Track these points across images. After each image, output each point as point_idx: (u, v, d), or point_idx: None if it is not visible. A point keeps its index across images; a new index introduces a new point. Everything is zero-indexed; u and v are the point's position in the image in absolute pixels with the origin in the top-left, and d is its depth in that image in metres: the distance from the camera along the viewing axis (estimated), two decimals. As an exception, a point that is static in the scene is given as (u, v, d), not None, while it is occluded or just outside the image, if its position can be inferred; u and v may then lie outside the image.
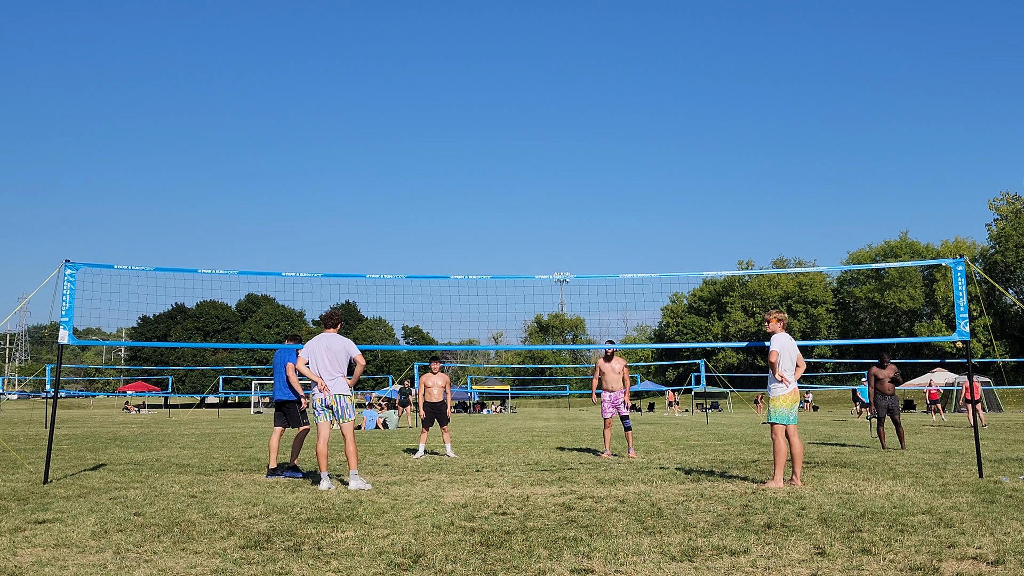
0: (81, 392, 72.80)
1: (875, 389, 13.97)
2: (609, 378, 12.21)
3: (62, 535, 5.52)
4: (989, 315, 64.45)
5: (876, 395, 13.96)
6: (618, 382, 12.23)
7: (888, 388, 13.91)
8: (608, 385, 12.23)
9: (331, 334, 8.45)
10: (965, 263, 9.32)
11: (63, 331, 8.90)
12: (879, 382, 13.94)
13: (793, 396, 8.28)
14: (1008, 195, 68.95)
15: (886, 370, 13.96)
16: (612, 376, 12.20)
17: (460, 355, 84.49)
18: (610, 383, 12.22)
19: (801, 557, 4.74)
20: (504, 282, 10.78)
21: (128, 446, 15.27)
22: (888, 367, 14.00)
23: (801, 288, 75.14)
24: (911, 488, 7.73)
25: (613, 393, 12.22)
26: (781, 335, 8.37)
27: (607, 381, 12.23)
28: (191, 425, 27.65)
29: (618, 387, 12.24)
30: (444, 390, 12.89)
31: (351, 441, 8.25)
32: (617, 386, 12.23)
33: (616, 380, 12.22)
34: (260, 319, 79.04)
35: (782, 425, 8.24)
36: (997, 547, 4.92)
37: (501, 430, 22.13)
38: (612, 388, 12.22)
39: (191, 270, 10.07)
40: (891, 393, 13.93)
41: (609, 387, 12.22)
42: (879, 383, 13.93)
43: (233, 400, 78.72)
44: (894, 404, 13.88)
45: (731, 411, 49.71)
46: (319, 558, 4.78)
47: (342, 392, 8.28)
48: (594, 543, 5.16)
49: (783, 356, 8.26)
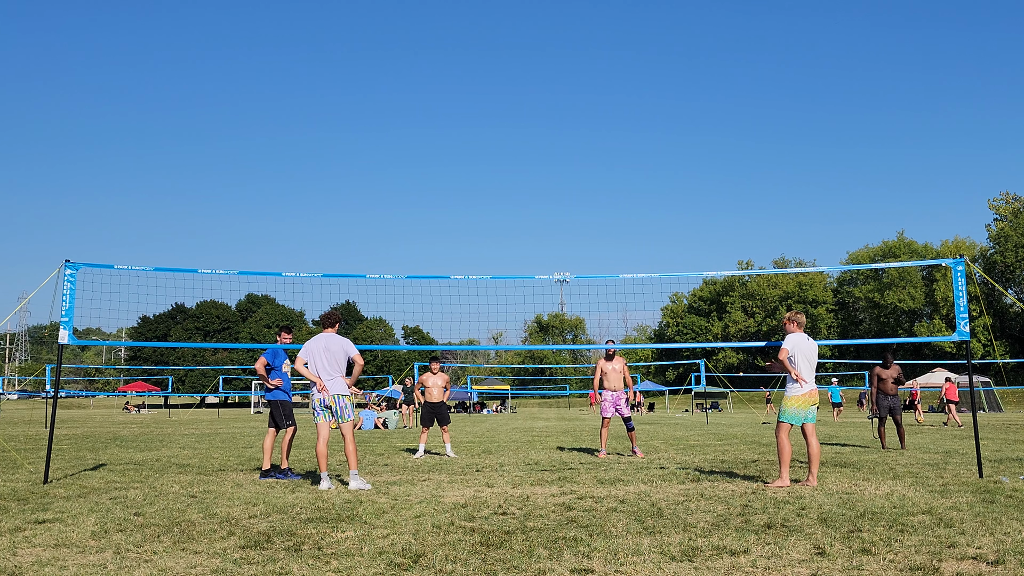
0: (81, 392, 72.73)
1: (877, 389, 13.97)
2: (611, 377, 12.28)
3: (62, 535, 5.52)
4: (989, 315, 64.46)
5: (878, 395, 13.95)
6: (619, 381, 12.30)
7: (891, 388, 13.91)
8: (610, 384, 12.29)
9: (329, 334, 8.45)
10: (965, 263, 9.32)
11: (63, 331, 8.90)
12: (882, 382, 13.94)
13: (809, 397, 8.27)
14: (1008, 195, 68.95)
15: (889, 370, 13.96)
16: (614, 376, 12.27)
17: (460, 355, 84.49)
18: (611, 382, 12.29)
19: (801, 557, 4.74)
20: (504, 282, 10.79)
21: (128, 446, 15.27)
22: (892, 367, 14.00)
23: (801, 288, 75.10)
24: (911, 488, 7.73)
25: (615, 393, 12.29)
26: (796, 335, 8.39)
27: (608, 380, 12.30)
28: (191, 425, 27.65)
29: (619, 386, 12.31)
30: (444, 390, 12.95)
31: (351, 441, 8.25)
32: (619, 385, 12.30)
33: (617, 379, 12.29)
34: (260, 319, 79.02)
35: (789, 424, 8.25)
36: (997, 547, 4.92)
37: (501, 430, 22.13)
38: (614, 387, 12.29)
39: (191, 270, 10.07)
40: (893, 393, 13.94)
41: (611, 386, 12.29)
42: (882, 383, 13.93)
43: (233, 400, 78.71)
44: (896, 404, 13.88)
45: (731, 411, 49.70)
46: (319, 558, 4.78)
47: (341, 392, 8.28)
48: (594, 543, 5.16)
49: (796, 356, 8.26)
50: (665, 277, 10.95)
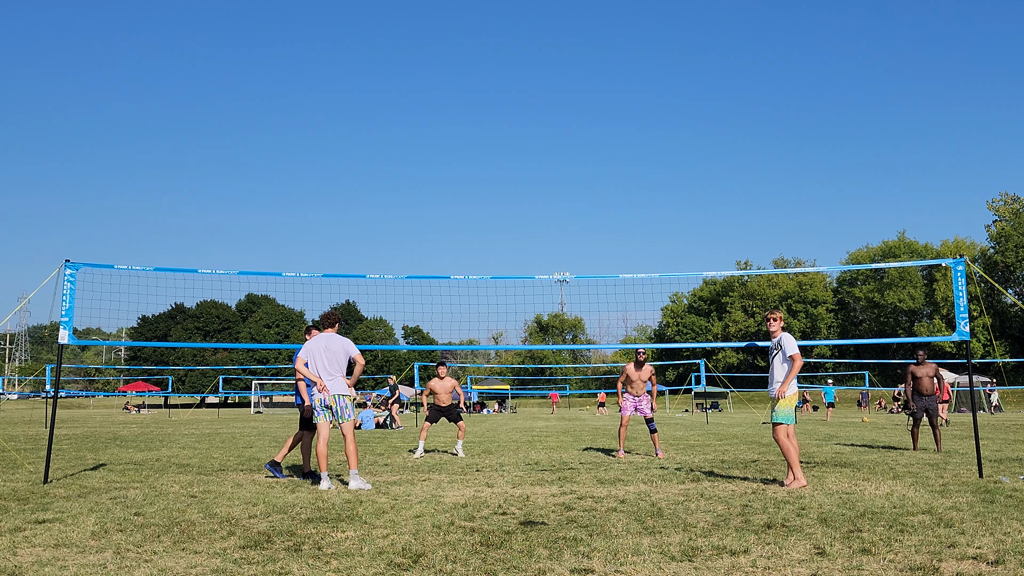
0: (81, 392, 72.69)
1: (913, 389, 13.15)
2: (636, 386, 12.28)
3: (62, 535, 5.52)
4: (989, 315, 64.46)
5: (914, 395, 13.13)
6: (643, 389, 12.32)
7: (927, 387, 13.10)
8: (633, 391, 12.30)
9: (330, 334, 8.45)
10: (965, 263, 9.32)
11: (63, 331, 8.89)
12: (917, 380, 13.13)
13: (796, 396, 8.32)
14: (1007, 196, 68.94)
15: (924, 367, 13.15)
16: (639, 385, 12.28)
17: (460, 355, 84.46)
18: (636, 390, 12.30)
19: (801, 557, 4.74)
20: (504, 282, 10.78)
21: (128, 446, 15.27)
22: (926, 364, 13.18)
23: (801, 288, 75.11)
24: (911, 488, 7.73)
25: (638, 398, 12.32)
26: (789, 334, 8.39)
27: (633, 387, 12.29)
28: (191, 425, 27.64)
29: (643, 395, 12.35)
30: (451, 393, 13.07)
31: (351, 441, 8.25)
32: (642, 392, 12.34)
33: (642, 388, 12.31)
34: (260, 319, 78.96)
35: (786, 425, 8.26)
36: (997, 547, 4.92)
37: (501, 430, 22.12)
38: (636, 394, 12.31)
39: (191, 270, 10.07)
40: (929, 393, 13.11)
41: (634, 392, 12.30)
42: (917, 382, 13.14)
43: (233, 400, 78.67)
44: (932, 405, 13.09)
45: (731, 411, 49.68)
46: (319, 558, 4.78)
47: (341, 392, 8.28)
48: (594, 543, 5.16)
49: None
50: (665, 277, 10.96)
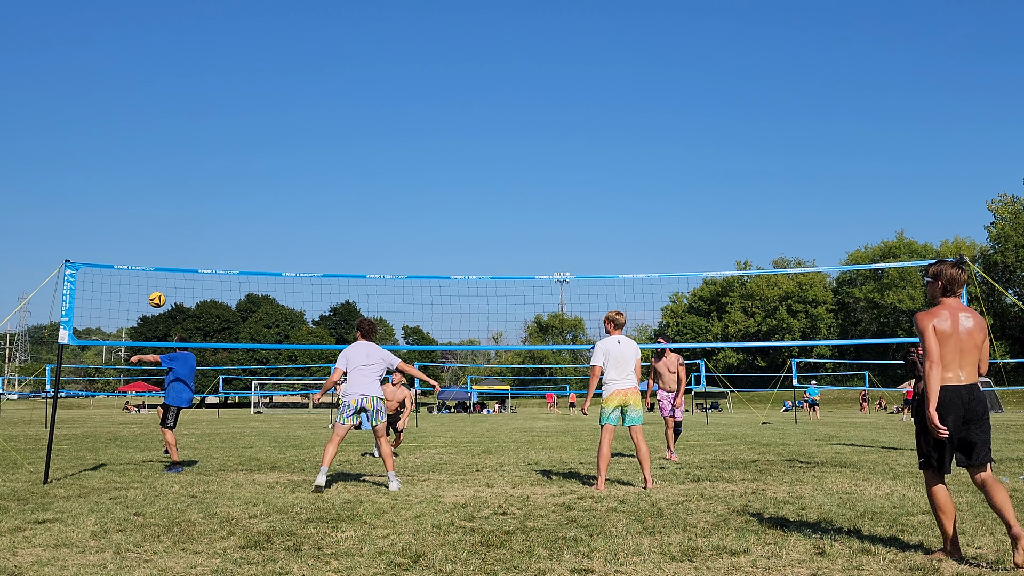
0: (81, 392, 72.65)
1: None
2: (666, 379, 11.69)
3: (62, 535, 5.52)
4: (989, 315, 64.40)
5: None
6: (674, 382, 11.70)
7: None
8: (665, 385, 11.71)
9: (370, 343, 8.48)
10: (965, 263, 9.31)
11: (63, 331, 8.89)
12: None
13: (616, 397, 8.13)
14: (1006, 196, 68.92)
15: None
16: (668, 376, 11.68)
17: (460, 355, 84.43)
18: (667, 383, 11.70)
19: (801, 557, 4.74)
20: (504, 282, 10.79)
21: (128, 446, 15.26)
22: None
23: (801, 288, 75.09)
24: (911, 488, 7.73)
25: (670, 394, 11.72)
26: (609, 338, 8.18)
27: (664, 381, 11.71)
28: (191, 425, 27.63)
29: (674, 387, 11.71)
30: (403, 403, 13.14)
31: (386, 442, 8.37)
32: (674, 386, 11.71)
33: (672, 380, 11.69)
34: (260, 319, 78.94)
35: None
36: (997, 547, 4.92)
37: (501, 430, 22.12)
38: (669, 389, 11.71)
39: (191, 270, 10.07)
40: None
41: (667, 387, 11.72)
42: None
43: (233, 400, 78.65)
44: None
45: (731, 411, 49.68)
46: (319, 558, 4.78)
47: (378, 395, 8.41)
48: (594, 543, 5.16)
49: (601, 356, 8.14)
50: (665, 277, 10.96)
